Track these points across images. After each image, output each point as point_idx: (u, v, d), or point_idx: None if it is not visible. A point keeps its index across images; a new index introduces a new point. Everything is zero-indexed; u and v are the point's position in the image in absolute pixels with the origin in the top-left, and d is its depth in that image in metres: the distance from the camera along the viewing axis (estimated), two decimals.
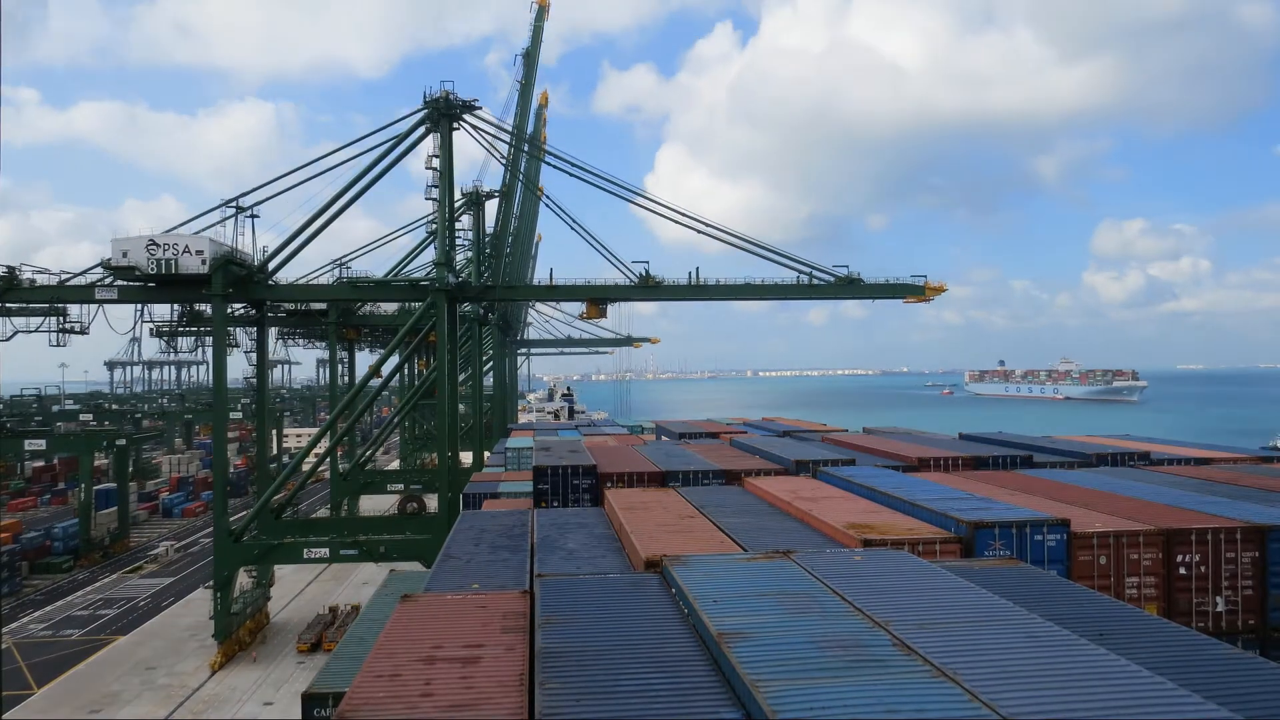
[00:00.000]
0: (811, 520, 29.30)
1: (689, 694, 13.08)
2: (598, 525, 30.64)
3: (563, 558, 25.31)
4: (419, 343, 73.55)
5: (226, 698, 54.91)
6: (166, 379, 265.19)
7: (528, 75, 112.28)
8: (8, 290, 62.19)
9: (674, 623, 16.40)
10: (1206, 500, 30.46)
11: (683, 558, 20.46)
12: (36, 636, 67.65)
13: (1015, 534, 25.55)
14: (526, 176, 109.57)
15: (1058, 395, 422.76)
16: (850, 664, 13.22)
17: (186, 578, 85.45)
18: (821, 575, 18.35)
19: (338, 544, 65.23)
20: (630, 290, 71.66)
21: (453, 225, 74.77)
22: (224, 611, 61.91)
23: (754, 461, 47.93)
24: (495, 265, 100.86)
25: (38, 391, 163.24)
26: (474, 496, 53.20)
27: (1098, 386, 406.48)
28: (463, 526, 31.00)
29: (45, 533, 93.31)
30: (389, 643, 15.82)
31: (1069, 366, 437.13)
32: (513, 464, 67.91)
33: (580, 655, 14.54)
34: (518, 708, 12.71)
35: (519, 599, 18.59)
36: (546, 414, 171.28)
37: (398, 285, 77.15)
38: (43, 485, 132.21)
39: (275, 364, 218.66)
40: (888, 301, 74.29)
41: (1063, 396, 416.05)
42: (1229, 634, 24.62)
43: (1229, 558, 25.93)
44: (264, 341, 75.90)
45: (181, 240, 61.72)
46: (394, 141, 68.10)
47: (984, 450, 49.32)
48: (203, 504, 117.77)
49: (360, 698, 13.30)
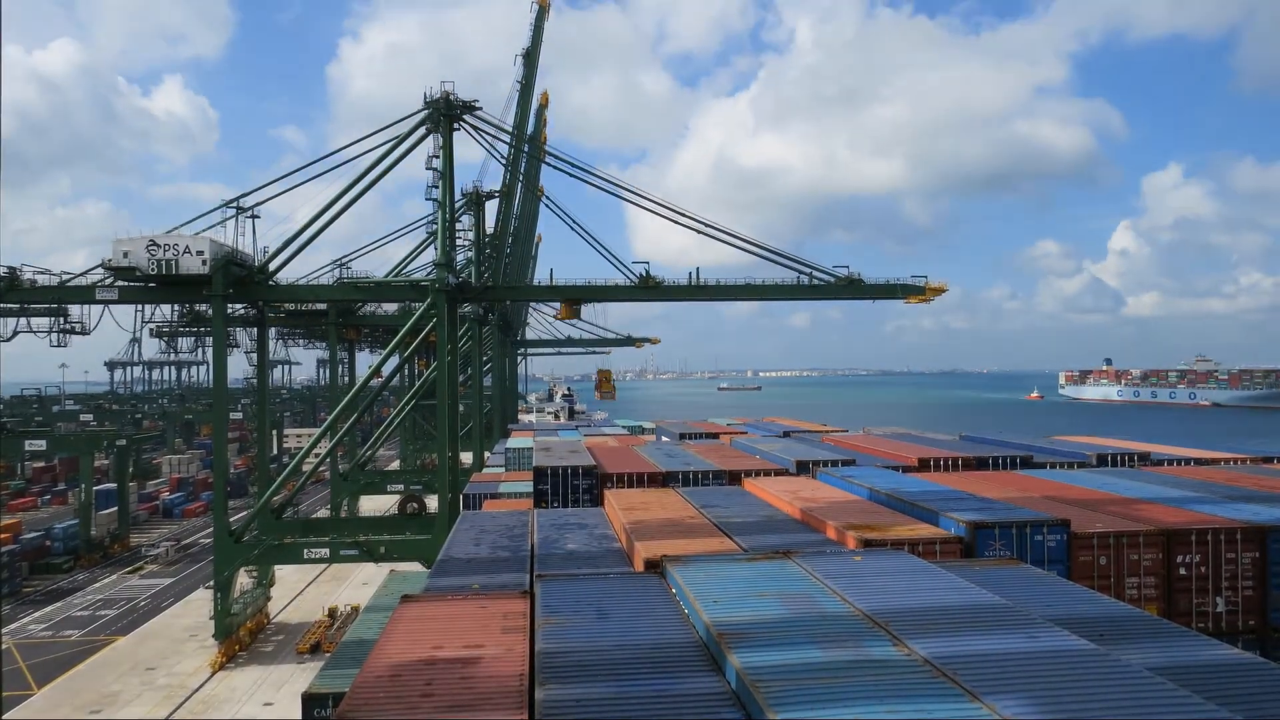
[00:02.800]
0: (811, 520, 29.31)
1: (689, 694, 13.09)
2: (598, 525, 30.65)
3: (563, 558, 25.32)
4: (419, 343, 73.52)
5: (226, 698, 54.89)
6: (167, 379, 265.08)
7: (528, 75, 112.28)
8: (9, 290, 62.19)
9: (674, 623, 16.40)
10: (1206, 500, 30.47)
11: (683, 558, 20.48)
12: (36, 637, 67.64)
13: (1015, 534, 25.56)
14: (527, 176, 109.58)
15: (1200, 402, 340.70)
16: (850, 664, 13.23)
17: (186, 578, 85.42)
18: (821, 575, 18.36)
19: (338, 544, 65.19)
20: (630, 290, 71.54)
21: (453, 226, 74.75)
22: (224, 612, 61.84)
23: (754, 462, 47.93)
24: (495, 265, 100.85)
25: (38, 391, 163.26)
26: (474, 497, 53.30)
27: (1257, 391, 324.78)
28: (463, 527, 31.03)
29: (45, 533, 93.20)
30: (389, 643, 15.83)
31: (1210, 366, 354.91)
32: (513, 464, 67.98)
33: (580, 655, 14.54)
34: (518, 708, 12.71)
35: (519, 599, 18.59)
36: (547, 414, 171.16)
37: (398, 285, 77.09)
38: (43, 485, 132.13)
39: (275, 364, 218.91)
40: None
41: (1209, 403, 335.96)
42: (1229, 634, 24.62)
43: (1229, 558, 25.94)
44: (264, 341, 75.88)
45: (182, 240, 61.67)
46: (394, 142, 68.06)
47: (984, 450, 49.33)
48: (203, 504, 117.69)
49: (360, 698, 13.31)
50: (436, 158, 69.30)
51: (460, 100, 68.40)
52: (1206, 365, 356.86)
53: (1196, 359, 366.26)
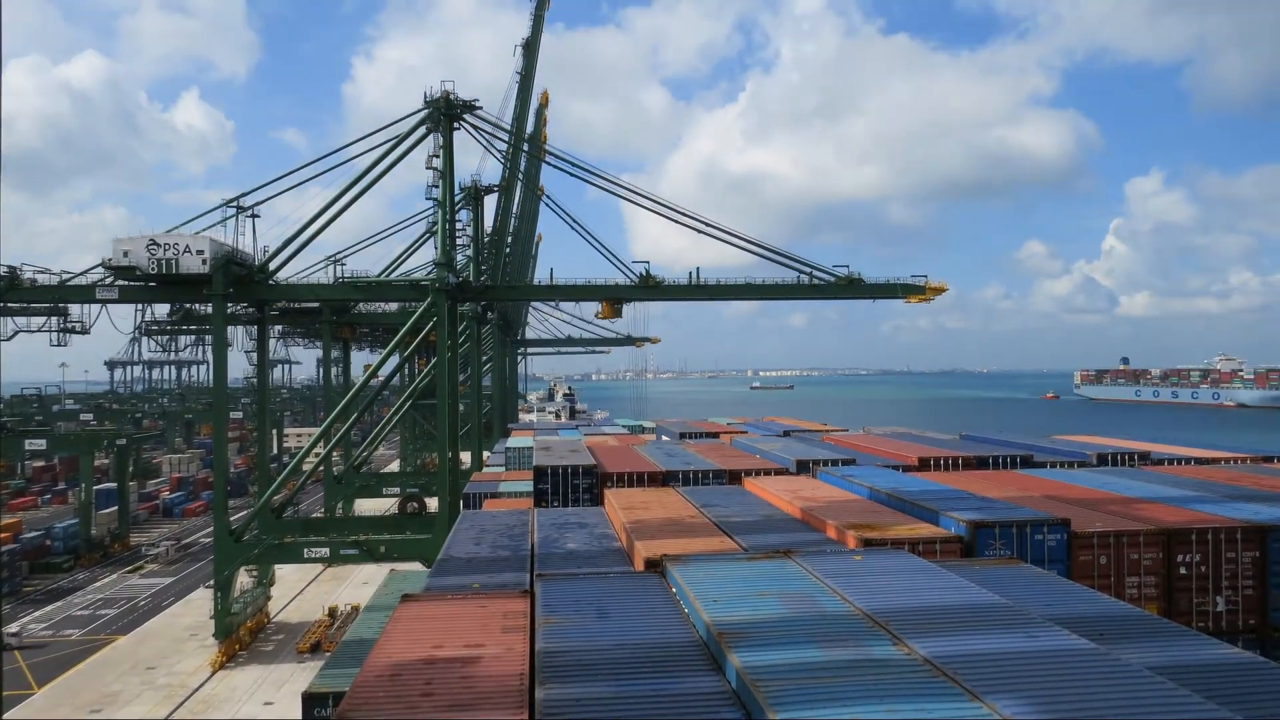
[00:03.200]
0: (811, 520, 29.31)
1: (689, 694, 13.08)
2: (598, 525, 30.65)
3: (563, 557, 25.32)
4: (419, 342, 73.46)
5: (227, 697, 54.90)
6: (167, 379, 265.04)
7: (528, 67, 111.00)
8: (9, 290, 62.16)
9: (674, 622, 16.39)
10: (1206, 500, 30.46)
11: (683, 557, 20.47)
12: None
13: (1015, 534, 25.56)
14: (527, 175, 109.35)
15: (1224, 403, 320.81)
16: (850, 664, 13.22)
17: (186, 578, 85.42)
18: (821, 575, 18.35)
19: (338, 544, 65.16)
20: (630, 290, 71.47)
21: (454, 225, 74.65)
22: (224, 611, 61.86)
23: (754, 461, 47.93)
24: (495, 262, 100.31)
25: (38, 391, 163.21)
26: (474, 496, 53.29)
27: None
28: (463, 526, 31.03)
29: (45, 532, 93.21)
30: (389, 643, 15.83)
31: (1234, 365, 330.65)
32: (513, 464, 67.99)
33: (580, 655, 14.54)
34: (518, 708, 12.70)
35: (519, 599, 18.59)
36: (547, 414, 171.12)
37: (398, 285, 76.97)
38: (43, 485, 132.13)
39: (275, 364, 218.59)
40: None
41: (1233, 404, 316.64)
42: (1229, 634, 24.61)
43: (1229, 558, 25.94)
44: (264, 341, 75.86)
45: (182, 240, 61.65)
46: (394, 141, 68.03)
47: (984, 450, 49.31)
48: (203, 504, 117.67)
49: (360, 697, 13.30)
50: (437, 157, 69.26)
51: (460, 100, 68.38)
52: (1231, 364, 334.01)
53: (1220, 357, 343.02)
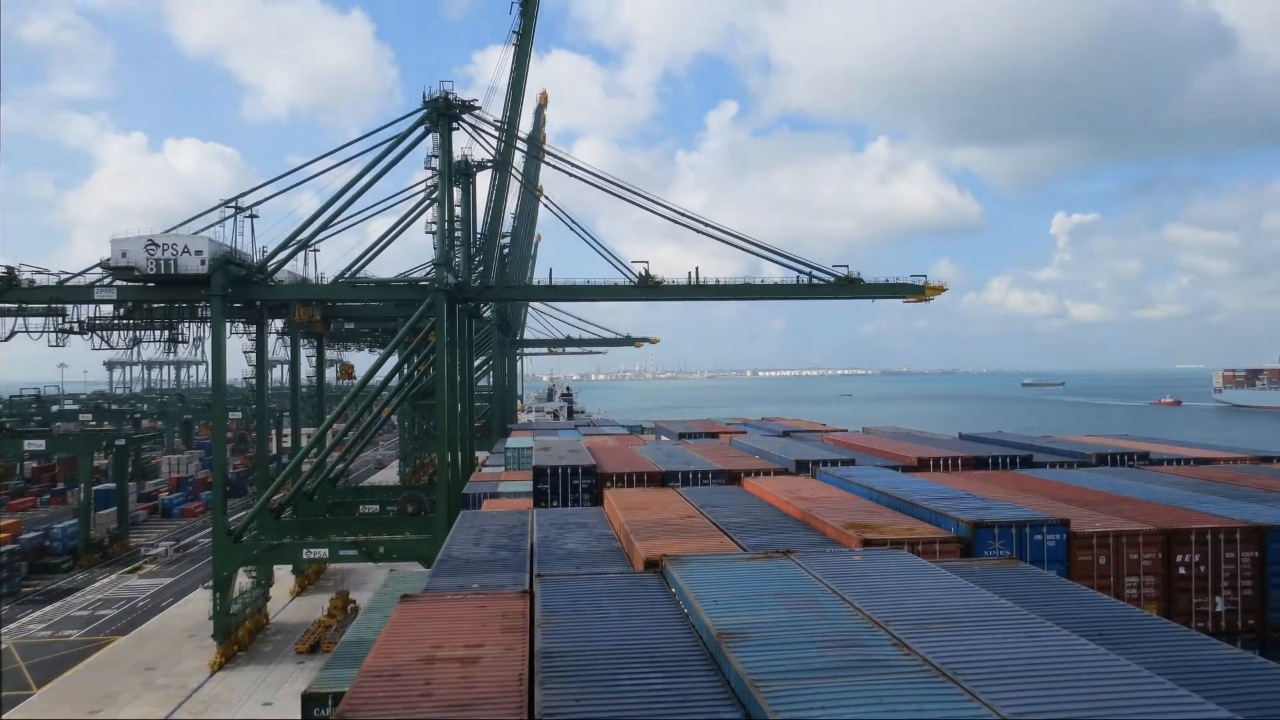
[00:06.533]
0: (811, 520, 29.28)
1: (689, 694, 13.07)
2: (598, 525, 30.62)
3: (562, 558, 25.30)
4: (417, 342, 73.38)
5: (226, 698, 54.86)
6: (166, 379, 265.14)
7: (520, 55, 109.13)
8: (7, 290, 62.13)
9: (674, 623, 16.39)
10: (1206, 500, 30.43)
11: (683, 558, 20.46)
12: (36, 637, 67.61)
13: (1015, 534, 25.54)
14: (526, 176, 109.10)
15: None
16: (850, 664, 13.21)
17: (186, 578, 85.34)
18: (821, 575, 18.34)
19: (337, 544, 65.13)
20: (630, 290, 71.49)
21: (453, 225, 74.64)
22: (223, 612, 61.82)
23: (754, 461, 47.93)
24: (488, 251, 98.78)
25: (37, 391, 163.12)
26: (474, 496, 53.33)
27: None
28: (463, 526, 30.99)
29: (44, 533, 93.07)
30: (389, 643, 15.82)
31: None
32: (512, 464, 68.01)
33: (580, 655, 14.53)
34: (518, 708, 12.70)
35: (519, 599, 18.58)
36: (546, 414, 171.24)
37: (396, 285, 76.94)
38: (42, 485, 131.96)
39: (275, 363, 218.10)
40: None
41: None
42: (1229, 634, 24.60)
43: (1229, 558, 25.92)
44: (263, 341, 75.81)
45: (180, 240, 61.64)
46: (393, 142, 68.03)
47: (984, 450, 49.32)
48: (202, 504, 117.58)
49: (360, 698, 13.29)
50: (436, 156, 69.28)
51: (459, 99, 68.43)
52: None
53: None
